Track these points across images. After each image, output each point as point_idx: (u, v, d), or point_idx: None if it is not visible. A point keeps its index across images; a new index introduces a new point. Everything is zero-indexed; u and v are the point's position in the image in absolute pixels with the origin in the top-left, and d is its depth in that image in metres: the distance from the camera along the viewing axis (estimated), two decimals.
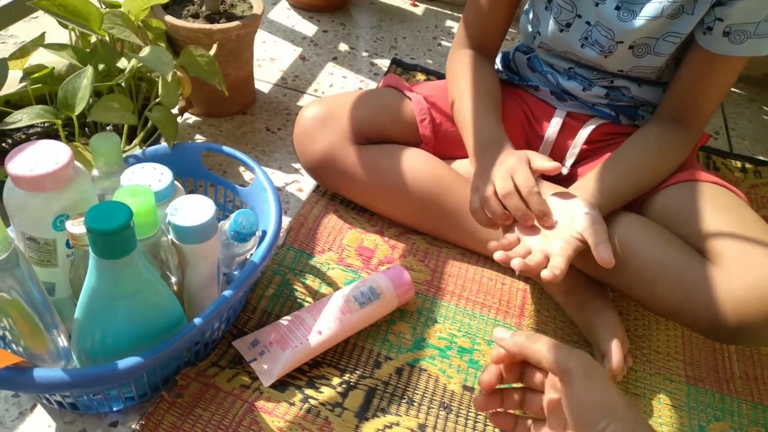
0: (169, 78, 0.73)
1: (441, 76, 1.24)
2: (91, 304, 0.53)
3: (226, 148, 0.76)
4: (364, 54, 1.29)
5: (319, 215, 0.87)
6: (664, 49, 0.77)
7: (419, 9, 1.49)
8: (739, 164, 1.16)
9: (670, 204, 0.77)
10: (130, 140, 0.82)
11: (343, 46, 1.30)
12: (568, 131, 0.88)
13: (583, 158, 0.89)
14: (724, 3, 0.71)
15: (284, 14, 1.38)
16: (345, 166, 0.83)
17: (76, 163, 0.58)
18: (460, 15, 1.45)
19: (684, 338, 0.80)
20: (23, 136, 0.83)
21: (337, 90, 1.17)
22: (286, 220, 0.87)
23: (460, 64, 0.88)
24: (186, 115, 1.04)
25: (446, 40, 1.38)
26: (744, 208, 0.74)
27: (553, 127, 0.89)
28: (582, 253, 0.67)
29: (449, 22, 1.45)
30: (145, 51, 0.75)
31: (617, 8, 0.76)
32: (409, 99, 0.89)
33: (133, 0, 0.80)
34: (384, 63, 1.27)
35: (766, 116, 1.33)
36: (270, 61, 1.22)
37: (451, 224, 0.84)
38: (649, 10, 0.74)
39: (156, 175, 0.63)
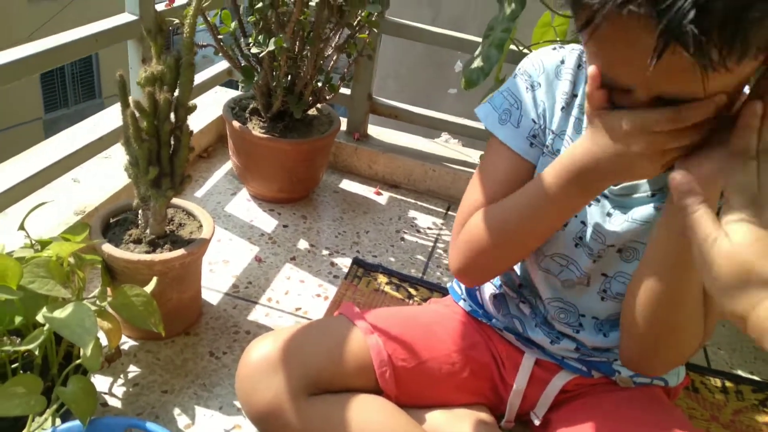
0: (89, 351, 0.64)
1: (403, 278, 1.18)
2: None
3: (150, 425, 0.66)
4: (325, 252, 1.23)
5: None
6: None
7: (383, 198, 1.47)
8: (719, 383, 1.09)
9: None
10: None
11: (302, 243, 1.25)
12: (537, 382, 0.81)
13: (556, 404, 0.81)
14: None
15: (243, 206, 1.33)
16: (293, 420, 0.73)
17: None
18: (421, 203, 1.45)
19: None
20: None
21: (292, 298, 1.09)
22: None
23: (484, 210, 0.73)
24: (122, 338, 0.94)
25: (409, 234, 1.35)
26: None
27: (522, 378, 0.81)
28: None
29: (412, 212, 1.43)
30: (67, 310, 0.67)
31: (608, 214, 0.71)
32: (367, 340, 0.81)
33: (61, 244, 0.73)
34: (345, 262, 1.21)
35: None
36: (223, 263, 1.15)
37: None
38: (639, 213, 0.70)
39: None
